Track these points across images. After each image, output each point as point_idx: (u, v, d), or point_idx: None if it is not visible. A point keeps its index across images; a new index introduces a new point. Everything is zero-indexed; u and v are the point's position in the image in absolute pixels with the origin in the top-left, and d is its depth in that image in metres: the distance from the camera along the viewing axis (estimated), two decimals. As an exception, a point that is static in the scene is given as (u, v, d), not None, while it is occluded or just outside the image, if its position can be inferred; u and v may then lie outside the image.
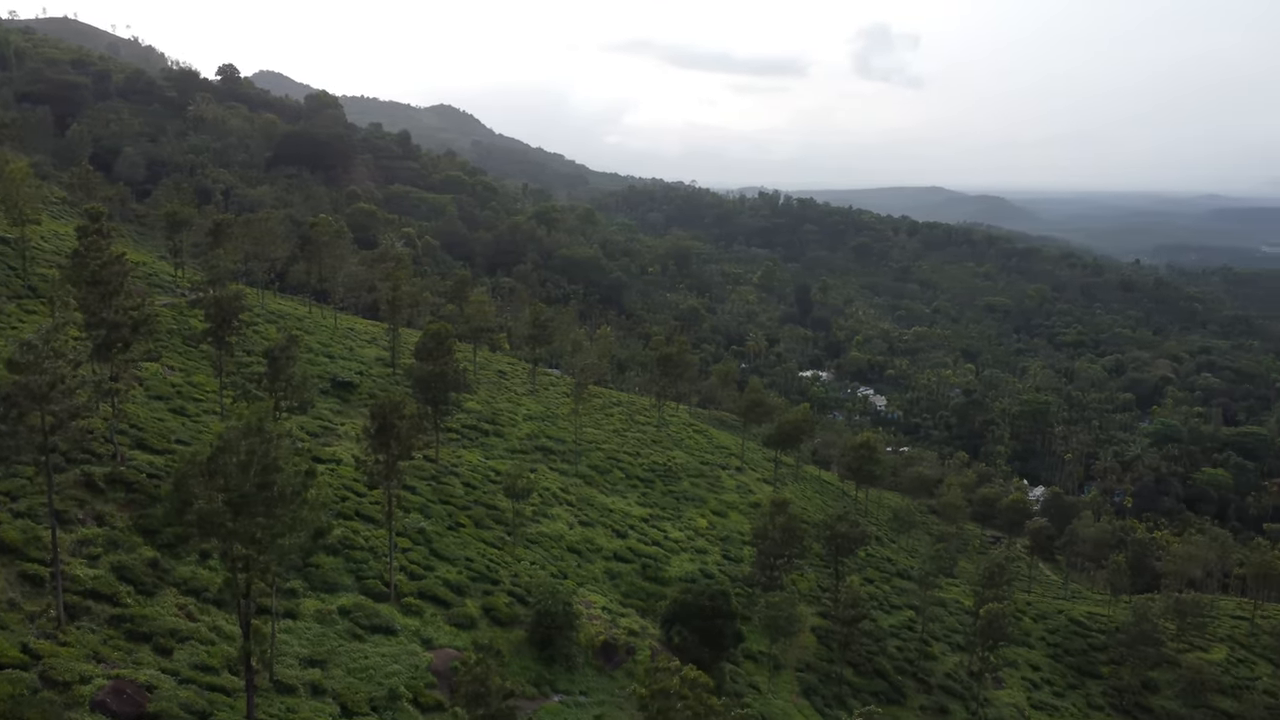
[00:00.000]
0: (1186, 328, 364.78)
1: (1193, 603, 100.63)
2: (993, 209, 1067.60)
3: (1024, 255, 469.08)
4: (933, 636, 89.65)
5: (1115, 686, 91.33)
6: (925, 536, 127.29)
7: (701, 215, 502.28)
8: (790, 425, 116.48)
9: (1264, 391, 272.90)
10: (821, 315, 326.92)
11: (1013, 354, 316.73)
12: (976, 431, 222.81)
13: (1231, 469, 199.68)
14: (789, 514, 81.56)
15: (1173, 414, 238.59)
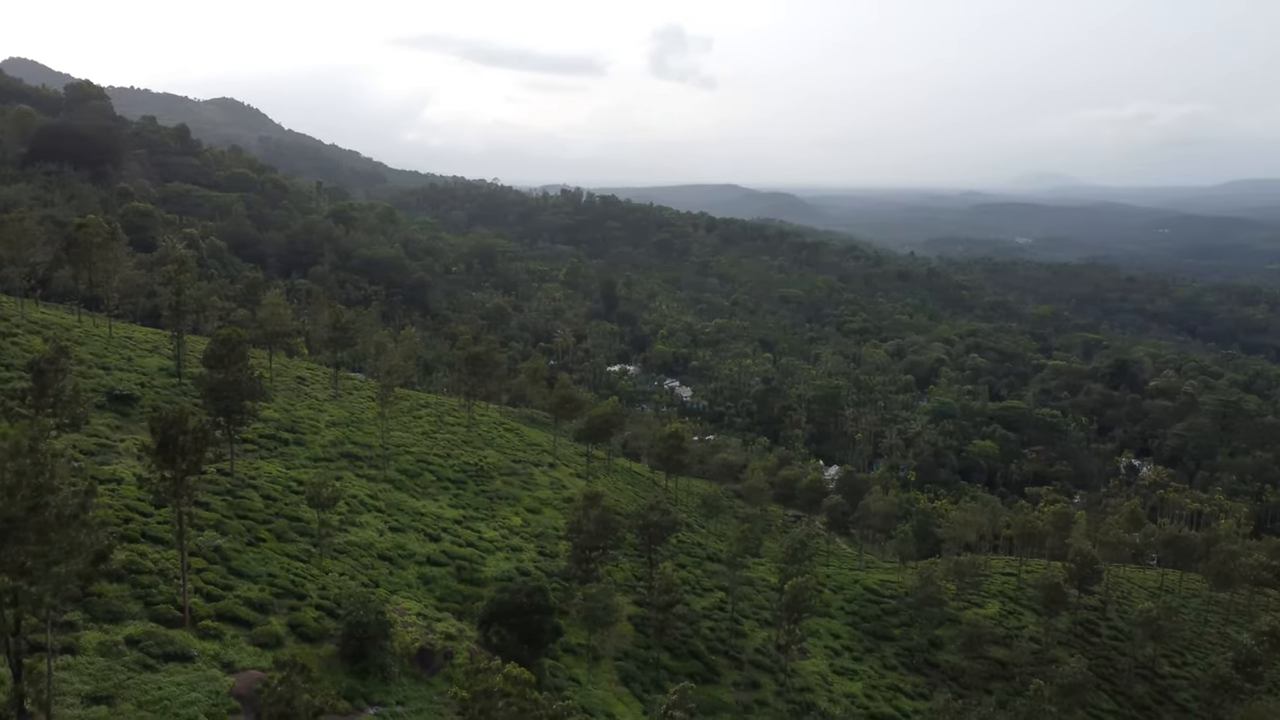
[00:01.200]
0: (956, 313, 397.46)
1: (969, 564, 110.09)
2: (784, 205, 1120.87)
3: (813, 249, 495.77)
4: (742, 615, 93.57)
5: (906, 646, 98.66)
6: (732, 520, 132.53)
7: (505, 213, 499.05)
8: (600, 419, 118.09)
9: (1023, 369, 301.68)
10: (627, 310, 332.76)
11: (806, 342, 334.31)
12: (776, 417, 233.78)
13: (998, 440, 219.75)
14: (602, 506, 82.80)
15: (947, 392, 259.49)
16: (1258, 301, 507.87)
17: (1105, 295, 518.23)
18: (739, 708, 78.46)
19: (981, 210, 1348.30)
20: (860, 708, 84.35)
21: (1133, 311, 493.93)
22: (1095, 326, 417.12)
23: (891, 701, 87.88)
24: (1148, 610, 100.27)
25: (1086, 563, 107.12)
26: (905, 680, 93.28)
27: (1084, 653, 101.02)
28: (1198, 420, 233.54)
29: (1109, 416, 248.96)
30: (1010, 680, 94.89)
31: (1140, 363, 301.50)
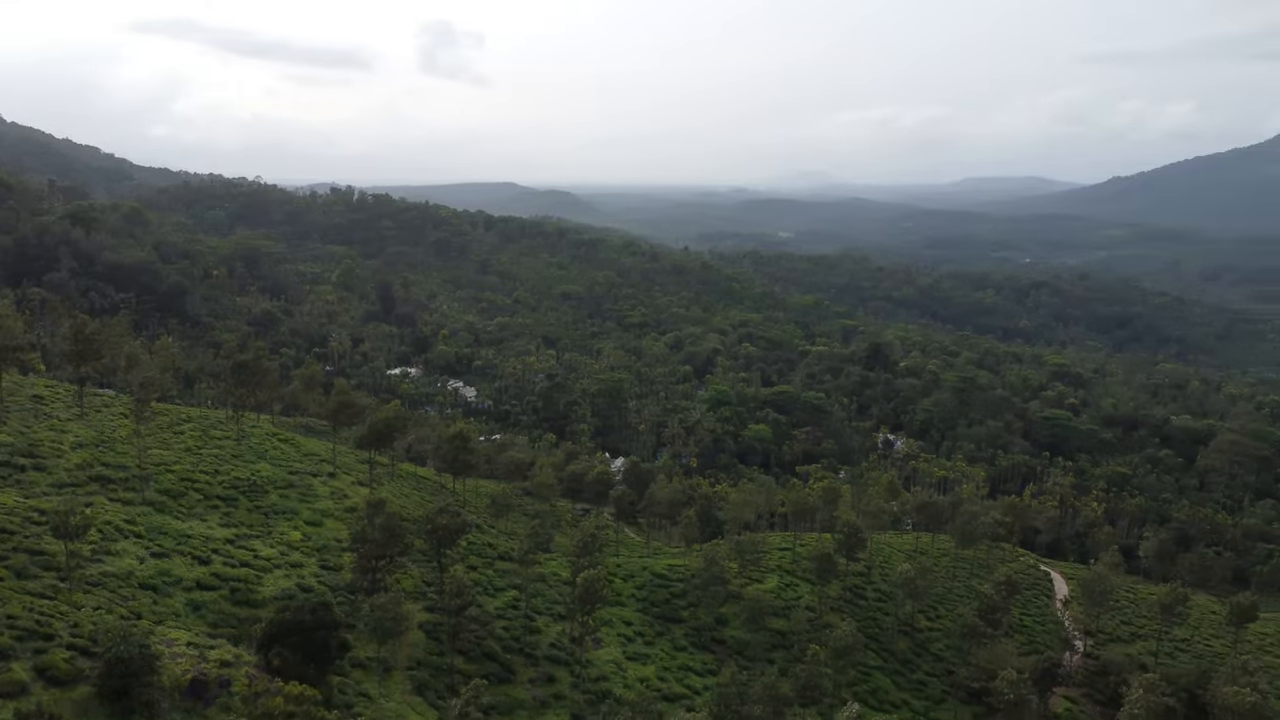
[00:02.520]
0: (728, 304, 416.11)
1: (749, 543, 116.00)
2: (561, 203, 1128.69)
3: (591, 245, 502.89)
4: (536, 611, 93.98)
5: (695, 626, 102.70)
6: (522, 517, 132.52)
7: (270, 213, 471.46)
8: (382, 424, 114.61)
9: (790, 355, 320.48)
10: (406, 311, 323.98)
11: (588, 337, 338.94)
12: (562, 413, 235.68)
13: (770, 424, 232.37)
14: (387, 514, 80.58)
15: (723, 381, 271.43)
16: (986, 287, 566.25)
17: (859, 284, 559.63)
18: (536, 704, 78.90)
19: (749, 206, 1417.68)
20: (654, 690, 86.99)
21: (883, 298, 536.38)
22: (852, 313, 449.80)
23: (683, 681, 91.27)
24: (906, 571, 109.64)
25: (853, 532, 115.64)
26: (695, 659, 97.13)
27: (853, 616, 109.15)
28: (941, 396, 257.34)
29: (866, 396, 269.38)
30: (790, 649, 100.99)
31: (891, 345, 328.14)
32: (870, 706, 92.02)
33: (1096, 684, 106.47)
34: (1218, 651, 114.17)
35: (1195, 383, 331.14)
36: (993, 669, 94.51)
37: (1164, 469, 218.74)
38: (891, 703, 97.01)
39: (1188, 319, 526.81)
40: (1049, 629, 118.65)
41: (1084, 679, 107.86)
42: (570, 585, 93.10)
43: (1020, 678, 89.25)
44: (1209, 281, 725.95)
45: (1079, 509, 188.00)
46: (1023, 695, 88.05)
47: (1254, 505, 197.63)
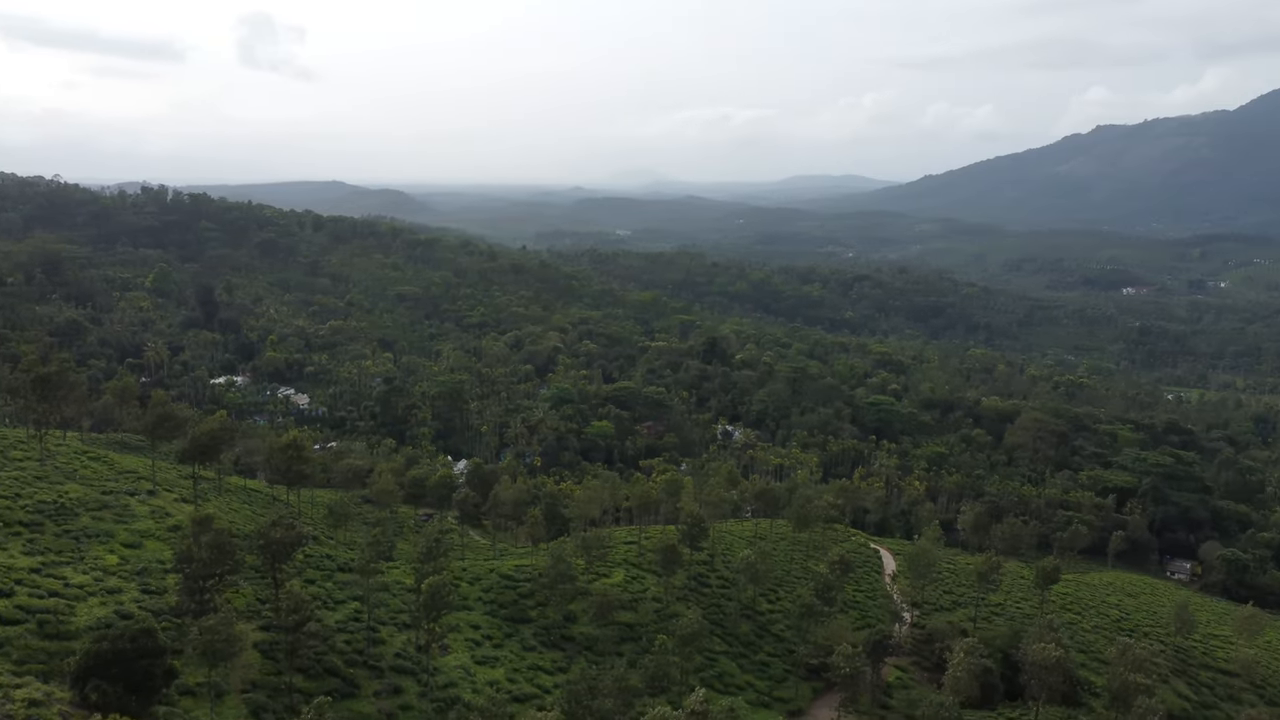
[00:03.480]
0: (568, 302, 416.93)
1: (595, 538, 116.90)
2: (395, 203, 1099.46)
3: (427, 245, 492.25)
4: (380, 622, 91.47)
5: (544, 625, 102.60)
6: (362, 526, 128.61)
7: (73, 214, 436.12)
8: (206, 436, 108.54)
9: (630, 351, 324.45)
10: (230, 317, 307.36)
11: (426, 339, 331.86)
12: (400, 417, 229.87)
13: (612, 420, 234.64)
14: (215, 530, 76.49)
15: (565, 379, 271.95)
16: (814, 281, 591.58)
17: (695, 280, 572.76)
18: (382, 716, 76.86)
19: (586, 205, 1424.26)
20: (504, 692, 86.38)
21: (718, 293, 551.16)
22: (689, 309, 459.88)
23: (533, 681, 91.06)
24: (747, 557, 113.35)
25: (695, 522, 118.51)
26: (545, 658, 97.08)
27: (698, 604, 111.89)
28: (775, 386, 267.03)
29: (705, 389, 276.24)
30: (638, 640, 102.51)
31: (727, 339, 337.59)
32: (717, 690, 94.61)
33: (923, 651, 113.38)
34: (1027, 613, 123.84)
35: (1002, 366, 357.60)
36: (830, 645, 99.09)
37: (977, 447, 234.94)
38: (737, 685, 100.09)
39: (994, 307, 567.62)
40: (879, 603, 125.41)
41: (912, 648, 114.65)
42: (415, 592, 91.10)
43: (855, 651, 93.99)
44: (1011, 272, 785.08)
45: (903, 488, 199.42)
46: (858, 668, 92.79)
47: (1054, 477, 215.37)
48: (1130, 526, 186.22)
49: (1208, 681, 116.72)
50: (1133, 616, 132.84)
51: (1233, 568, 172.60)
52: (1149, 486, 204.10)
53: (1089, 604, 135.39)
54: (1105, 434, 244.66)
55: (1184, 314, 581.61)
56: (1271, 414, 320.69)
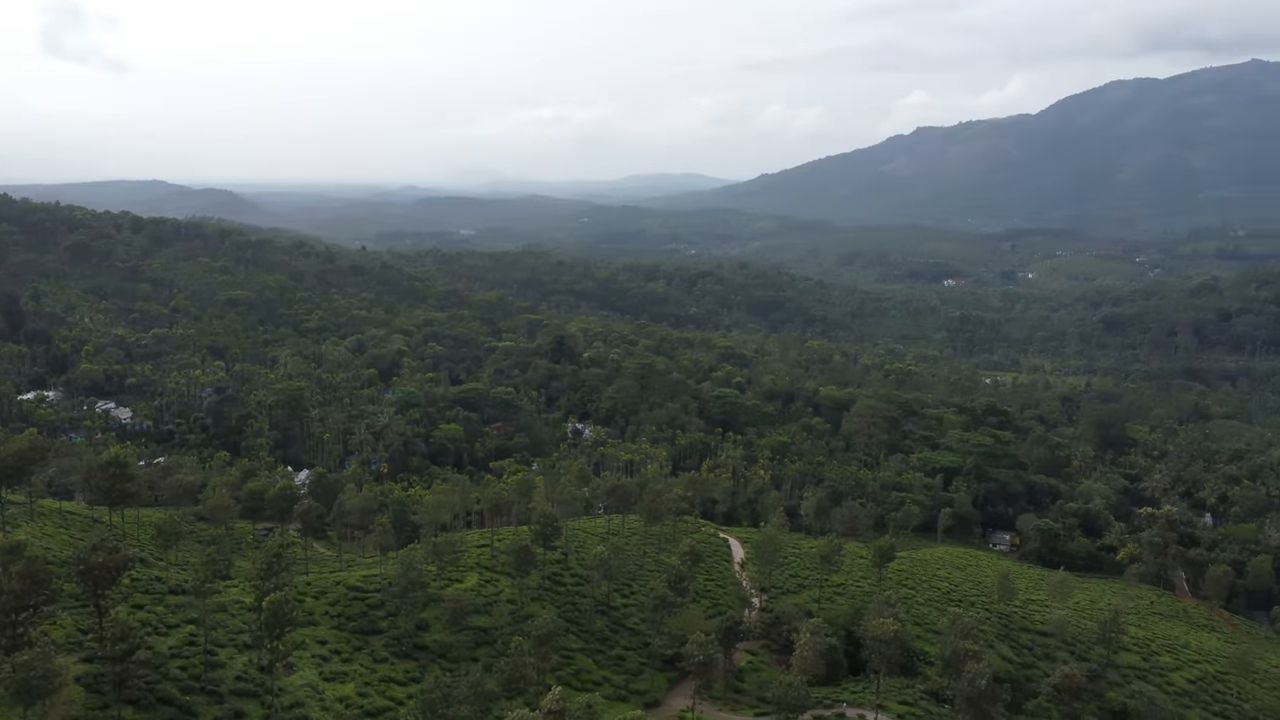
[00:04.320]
0: (412, 304, 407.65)
1: (446, 543, 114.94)
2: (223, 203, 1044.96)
3: (259, 247, 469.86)
4: (218, 644, 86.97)
5: (395, 636, 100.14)
6: (196, 545, 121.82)
7: None
8: (13, 457, 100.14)
9: (478, 352, 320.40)
10: (38, 327, 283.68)
11: (261, 345, 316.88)
12: (235, 428, 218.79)
13: (461, 422, 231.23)
14: (27, 558, 70.72)
15: (410, 382, 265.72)
16: (659, 278, 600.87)
17: (541, 279, 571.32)
18: (224, 743, 73.22)
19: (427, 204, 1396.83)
20: (355, 708, 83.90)
21: (565, 292, 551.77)
22: (535, 308, 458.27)
23: (385, 693, 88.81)
24: (600, 554, 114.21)
25: (548, 522, 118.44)
26: (397, 669, 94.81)
27: (553, 603, 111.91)
28: (623, 383, 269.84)
29: (554, 388, 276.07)
30: (494, 644, 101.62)
31: (574, 337, 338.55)
32: (574, 688, 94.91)
33: (772, 635, 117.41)
34: (867, 590, 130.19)
35: (837, 356, 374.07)
36: (683, 635, 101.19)
37: (817, 435, 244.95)
38: (594, 681, 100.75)
39: (828, 300, 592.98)
40: (730, 590, 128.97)
41: (762, 632, 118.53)
42: (255, 611, 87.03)
43: (707, 639, 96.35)
44: (844, 266, 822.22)
45: (749, 478, 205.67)
46: (711, 655, 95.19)
47: (888, 460, 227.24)
48: (956, 503, 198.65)
49: (1028, 643, 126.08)
50: (961, 588, 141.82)
51: (1046, 537, 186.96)
52: (972, 465, 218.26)
53: (922, 578, 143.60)
54: (932, 418, 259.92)
55: (998, 303, 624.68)
56: (1075, 394, 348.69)
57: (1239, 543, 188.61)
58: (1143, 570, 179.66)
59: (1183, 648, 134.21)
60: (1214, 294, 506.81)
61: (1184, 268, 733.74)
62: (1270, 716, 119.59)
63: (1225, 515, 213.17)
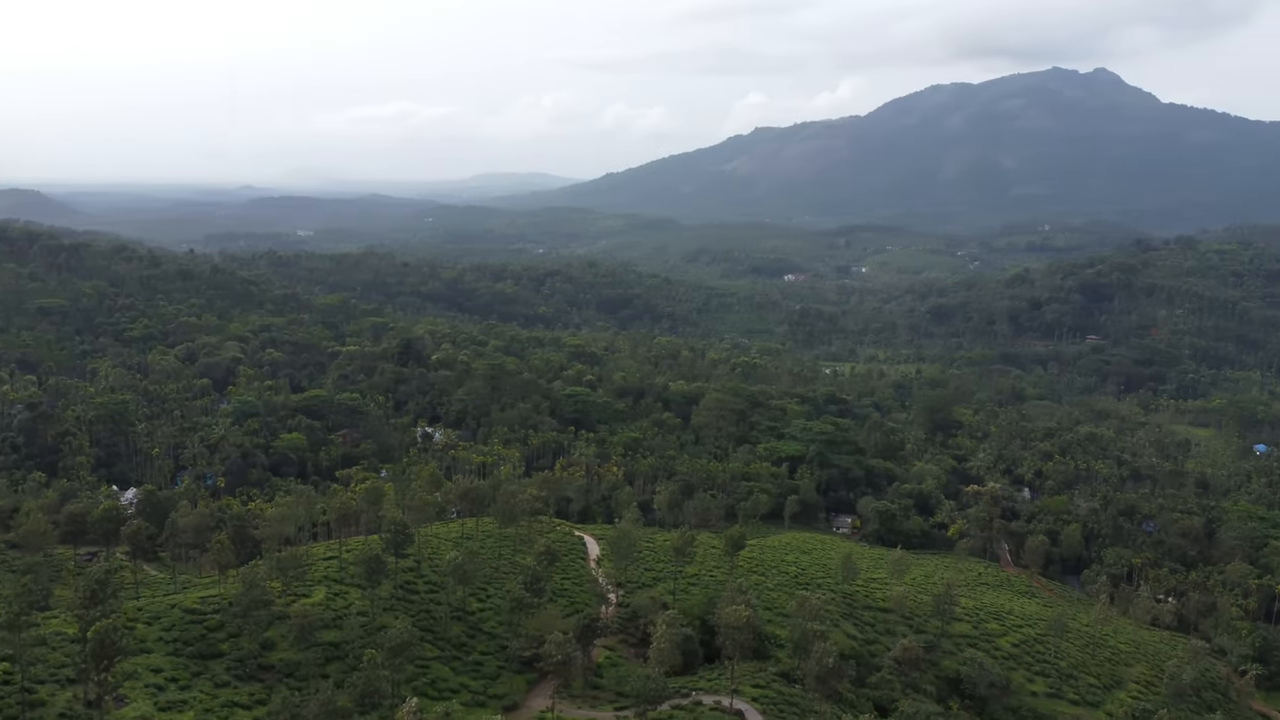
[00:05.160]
0: (247, 309, 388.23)
1: (291, 558, 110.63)
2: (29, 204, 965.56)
3: (73, 251, 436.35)
4: (37, 681, 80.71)
5: (238, 658, 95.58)
6: (8, 575, 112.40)
7: None
8: None
9: (320, 358, 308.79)
10: None
11: (79, 357, 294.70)
12: (51, 446, 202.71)
13: (304, 431, 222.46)
14: None
15: (248, 391, 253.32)
16: (507, 278, 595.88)
17: (385, 281, 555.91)
18: (48, 786, 68.10)
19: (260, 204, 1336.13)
20: (196, 736, 79.68)
21: (410, 294, 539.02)
22: (380, 310, 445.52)
23: (228, 719, 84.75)
24: (454, 559, 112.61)
25: (399, 529, 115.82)
26: (241, 692, 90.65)
27: (407, 612, 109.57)
28: (474, 385, 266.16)
29: (402, 392, 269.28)
30: (345, 658, 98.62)
31: (422, 340, 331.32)
32: (431, 698, 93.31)
33: (629, 629, 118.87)
34: (719, 579, 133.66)
35: (685, 352, 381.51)
36: (541, 635, 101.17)
37: (667, 429, 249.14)
38: (451, 688, 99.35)
39: (675, 297, 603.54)
40: (586, 588, 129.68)
41: (619, 627, 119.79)
42: (80, 642, 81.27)
43: (565, 638, 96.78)
44: (689, 263, 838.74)
45: (603, 475, 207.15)
46: (569, 653, 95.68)
47: (736, 451, 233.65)
48: (802, 490, 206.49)
49: (870, 620, 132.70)
50: (808, 571, 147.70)
51: (884, 518, 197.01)
52: (815, 453, 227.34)
53: (771, 564, 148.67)
54: (777, 408, 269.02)
55: (835, 297, 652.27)
56: (907, 381, 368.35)
57: (1053, 514, 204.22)
58: (971, 544, 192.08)
59: (1008, 614, 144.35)
60: (1026, 285, 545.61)
61: (1000, 260, 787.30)
62: (1083, 671, 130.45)
63: (1041, 489, 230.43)
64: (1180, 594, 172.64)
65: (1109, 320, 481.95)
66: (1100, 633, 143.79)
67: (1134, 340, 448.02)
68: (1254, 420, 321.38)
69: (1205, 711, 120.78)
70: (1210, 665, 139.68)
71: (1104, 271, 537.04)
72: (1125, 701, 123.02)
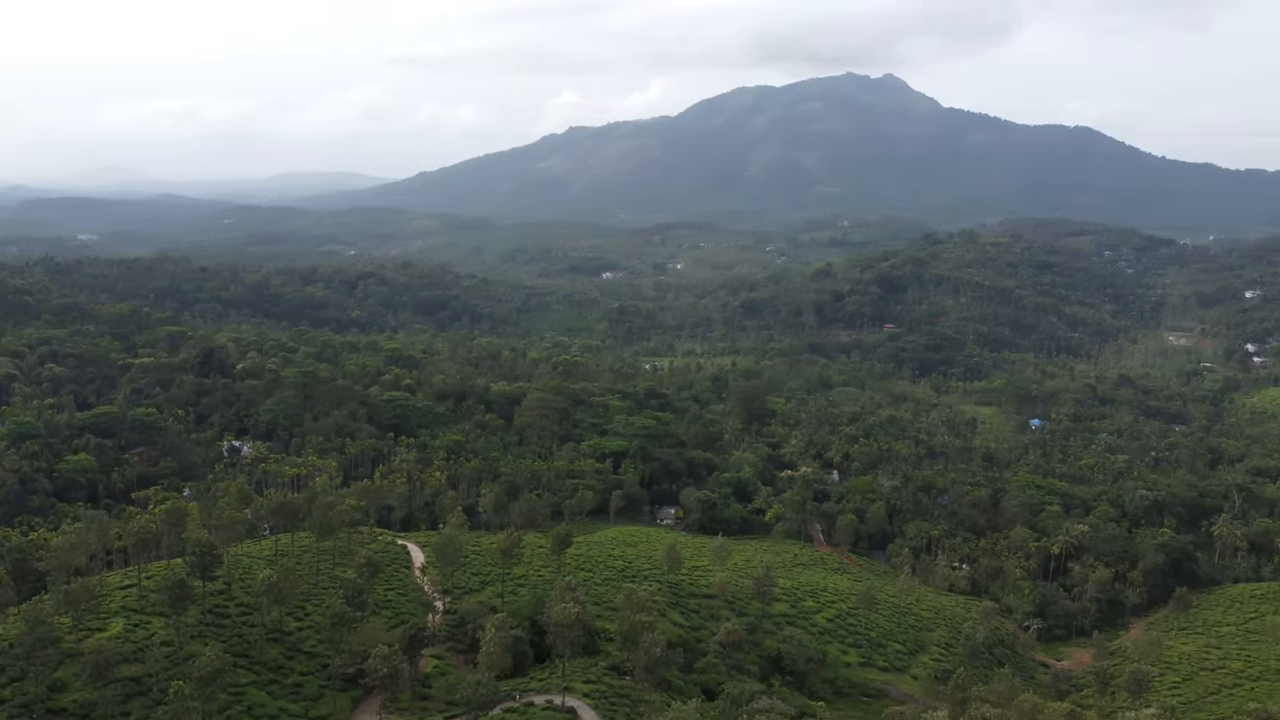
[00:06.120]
0: (21, 322, 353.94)
1: (82, 590, 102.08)
2: None
3: None
4: None
5: (22, 703, 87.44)
6: None
7: None
8: None
9: (109, 371, 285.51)
10: None
11: None
12: None
13: (93, 451, 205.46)
14: None
15: (25, 410, 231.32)
16: (316, 281, 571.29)
17: (182, 287, 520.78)
18: None
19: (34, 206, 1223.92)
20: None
21: (210, 300, 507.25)
22: (177, 318, 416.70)
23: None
24: (268, 577, 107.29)
25: (206, 551, 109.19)
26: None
27: (217, 638, 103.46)
28: (284, 394, 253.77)
29: (205, 404, 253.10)
30: (149, 693, 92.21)
31: (225, 348, 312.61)
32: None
33: (458, 636, 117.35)
34: (547, 579, 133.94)
35: (506, 352, 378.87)
36: (365, 649, 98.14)
37: (491, 431, 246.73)
38: (269, 714, 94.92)
39: (494, 297, 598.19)
40: (412, 597, 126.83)
41: (448, 634, 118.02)
42: None
43: (391, 650, 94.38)
44: (507, 263, 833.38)
45: (425, 480, 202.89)
46: (395, 666, 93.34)
47: (560, 449, 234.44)
48: (626, 485, 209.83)
49: (695, 607, 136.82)
50: (634, 564, 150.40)
51: (705, 507, 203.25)
52: (637, 447, 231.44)
53: (598, 560, 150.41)
54: (599, 405, 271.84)
55: (652, 293, 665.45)
56: (723, 373, 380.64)
57: (859, 493, 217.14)
58: (787, 527, 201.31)
59: (822, 591, 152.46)
60: (829, 278, 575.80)
61: (805, 255, 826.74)
62: (891, 639, 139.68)
63: (848, 470, 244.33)
64: (972, 560, 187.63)
65: (903, 309, 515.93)
66: (905, 602, 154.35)
67: (926, 328, 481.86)
68: (1029, 397, 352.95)
69: (996, 666, 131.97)
70: (1000, 623, 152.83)
71: (898, 264, 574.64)
72: (928, 664, 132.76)
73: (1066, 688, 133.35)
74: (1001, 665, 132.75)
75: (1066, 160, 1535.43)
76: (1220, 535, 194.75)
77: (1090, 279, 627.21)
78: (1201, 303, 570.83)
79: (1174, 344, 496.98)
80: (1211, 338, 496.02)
